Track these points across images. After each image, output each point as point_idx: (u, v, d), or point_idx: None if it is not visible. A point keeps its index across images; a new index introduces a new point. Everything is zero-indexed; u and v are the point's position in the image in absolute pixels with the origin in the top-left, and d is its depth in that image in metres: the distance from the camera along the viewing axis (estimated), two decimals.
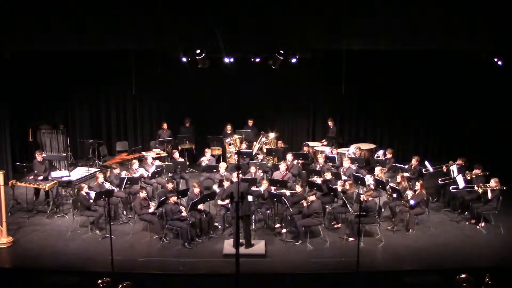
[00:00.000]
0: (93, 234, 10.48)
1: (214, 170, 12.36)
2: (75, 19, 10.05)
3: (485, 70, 13.30)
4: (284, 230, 10.52)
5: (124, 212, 11.51)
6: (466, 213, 11.25)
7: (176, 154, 13.11)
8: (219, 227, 10.69)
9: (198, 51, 11.82)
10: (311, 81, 15.25)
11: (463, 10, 9.95)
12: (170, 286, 8.69)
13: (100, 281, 6.56)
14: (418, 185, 10.74)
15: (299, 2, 10.22)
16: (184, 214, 10.11)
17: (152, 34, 10.53)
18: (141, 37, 10.56)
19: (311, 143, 14.88)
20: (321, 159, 12.71)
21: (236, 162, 12.77)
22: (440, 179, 12.09)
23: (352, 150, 13.48)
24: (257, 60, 13.28)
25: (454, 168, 11.96)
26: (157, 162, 12.83)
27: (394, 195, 10.84)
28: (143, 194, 10.56)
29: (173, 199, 10.20)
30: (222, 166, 12.18)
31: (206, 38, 10.36)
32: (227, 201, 10.34)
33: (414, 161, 12.42)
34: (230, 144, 14.44)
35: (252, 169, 11.82)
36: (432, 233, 10.64)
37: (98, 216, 10.62)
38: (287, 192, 10.83)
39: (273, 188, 11.03)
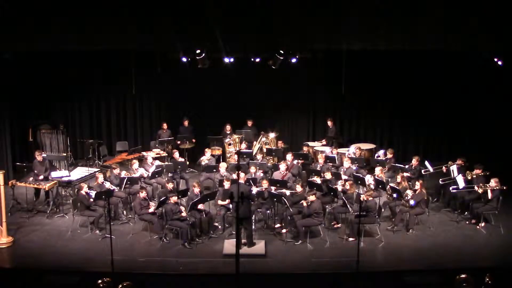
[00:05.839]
0: (93, 234, 10.48)
1: (214, 170, 12.37)
2: (75, 19, 10.04)
3: (485, 70, 13.30)
4: (284, 230, 10.52)
5: (124, 212, 11.51)
6: (466, 213, 11.26)
7: (176, 154, 13.11)
8: (219, 227, 10.69)
9: (198, 51, 11.83)
10: (311, 81, 15.24)
11: (463, 10, 9.94)
12: (170, 286, 8.70)
13: (100, 281, 6.59)
14: (418, 185, 10.75)
15: (299, 2, 10.21)
16: (184, 214, 10.12)
17: (152, 34, 10.52)
18: (141, 37, 10.55)
19: (311, 143, 14.88)
20: (321, 159, 12.71)
21: (236, 162, 12.78)
22: (440, 179, 12.09)
23: (352, 150, 13.48)
24: (257, 60, 13.28)
25: (454, 168, 11.96)
26: (157, 162, 12.83)
27: (394, 195, 10.84)
28: (143, 194, 10.57)
29: (173, 199, 10.21)
30: (222, 166, 12.18)
31: (206, 38, 10.35)
32: (227, 201, 10.35)
33: (414, 161, 12.43)
34: (230, 144, 14.45)
35: (252, 169, 11.83)
36: (432, 233, 10.64)
37: (98, 216, 10.63)
38: (287, 192, 10.84)
39: (273, 188, 11.03)
